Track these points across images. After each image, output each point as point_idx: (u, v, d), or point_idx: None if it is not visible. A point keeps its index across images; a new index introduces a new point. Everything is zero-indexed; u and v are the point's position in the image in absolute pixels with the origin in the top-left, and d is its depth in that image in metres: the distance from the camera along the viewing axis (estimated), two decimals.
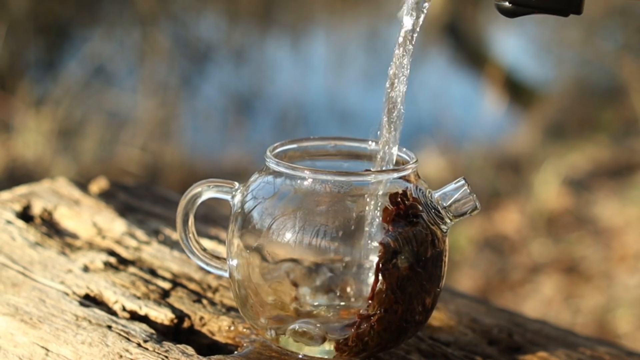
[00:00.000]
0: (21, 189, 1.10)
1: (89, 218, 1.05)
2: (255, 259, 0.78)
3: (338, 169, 0.83)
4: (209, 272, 0.90)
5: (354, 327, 0.75)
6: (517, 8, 0.74)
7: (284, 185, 0.77)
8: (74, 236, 1.02)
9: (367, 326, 0.74)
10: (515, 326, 0.95)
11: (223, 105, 3.96)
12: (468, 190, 0.77)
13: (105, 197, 1.11)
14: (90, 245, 0.99)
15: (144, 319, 0.85)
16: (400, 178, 0.77)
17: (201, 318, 0.86)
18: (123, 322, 0.84)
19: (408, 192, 0.76)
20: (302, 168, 0.76)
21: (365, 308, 0.75)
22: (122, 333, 0.81)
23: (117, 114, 3.48)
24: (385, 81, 0.78)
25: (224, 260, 0.84)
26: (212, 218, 1.12)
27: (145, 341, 0.80)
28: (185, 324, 0.86)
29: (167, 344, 0.80)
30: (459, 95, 4.37)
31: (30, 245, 0.97)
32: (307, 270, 0.80)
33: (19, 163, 3.08)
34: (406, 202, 0.75)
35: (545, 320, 1.08)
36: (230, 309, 0.88)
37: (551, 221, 2.87)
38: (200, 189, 0.83)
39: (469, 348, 0.88)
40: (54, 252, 0.96)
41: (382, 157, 0.79)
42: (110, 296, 0.88)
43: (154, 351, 0.79)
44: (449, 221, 0.77)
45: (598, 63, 4.27)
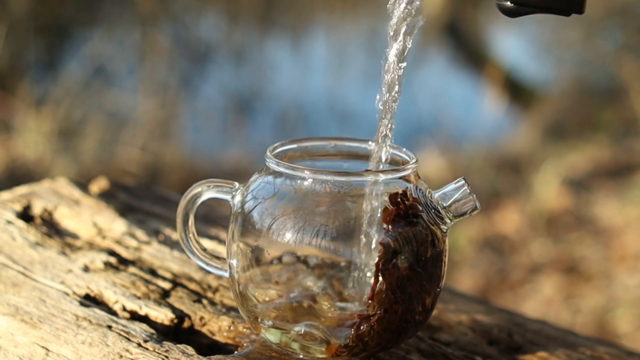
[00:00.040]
0: (21, 189, 1.10)
1: (89, 218, 1.05)
2: (255, 259, 0.78)
3: (338, 169, 0.83)
4: (209, 272, 0.90)
5: (354, 327, 0.75)
6: (519, 8, 0.74)
7: (284, 185, 0.77)
8: (74, 236, 1.02)
9: (367, 326, 0.74)
10: (515, 326, 0.95)
11: (223, 106, 3.96)
12: (468, 191, 0.77)
13: (106, 197, 1.11)
14: (91, 245, 0.99)
15: (144, 319, 0.85)
16: (400, 178, 0.77)
17: (201, 318, 0.86)
18: (123, 322, 0.84)
19: (408, 192, 0.76)
20: (302, 168, 0.76)
21: (365, 308, 0.75)
22: (122, 333, 0.81)
23: (117, 114, 3.48)
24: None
25: (224, 260, 0.84)
26: (212, 218, 1.12)
27: (145, 341, 0.80)
28: (186, 324, 0.86)
29: (167, 344, 0.80)
30: (459, 95, 4.37)
31: (30, 245, 0.97)
32: (307, 270, 0.80)
33: (19, 163, 3.08)
34: (406, 202, 0.75)
35: (545, 320, 1.08)
36: (230, 309, 0.88)
37: (551, 221, 2.87)
38: (200, 189, 0.83)
39: (469, 348, 0.88)
40: (54, 252, 0.97)
41: (377, 157, 0.79)
42: (110, 296, 0.88)
43: (154, 351, 0.79)
44: (448, 221, 0.77)
45: (598, 63, 4.27)
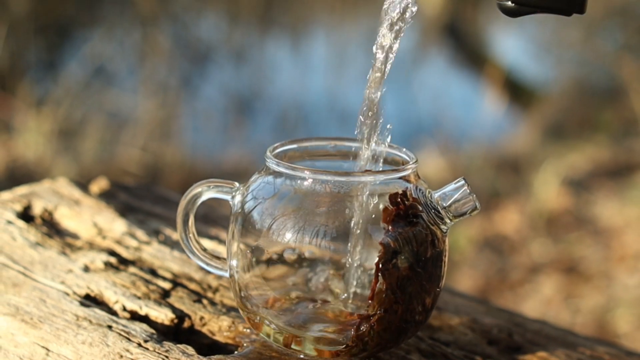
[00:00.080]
0: (22, 189, 1.11)
1: (90, 218, 1.05)
2: (255, 259, 0.78)
3: (338, 169, 0.83)
4: (209, 272, 0.90)
5: (354, 327, 0.75)
6: (520, 7, 0.74)
7: (284, 185, 0.77)
8: (75, 236, 1.02)
9: (367, 326, 0.74)
10: (515, 326, 0.95)
11: (223, 106, 3.96)
12: (468, 191, 0.77)
13: (106, 197, 1.11)
14: (91, 245, 1.00)
15: (145, 319, 0.86)
16: (400, 178, 0.77)
17: (201, 318, 0.86)
18: (123, 322, 0.84)
19: (408, 193, 0.76)
20: (302, 168, 0.77)
21: (365, 308, 0.75)
22: (122, 333, 0.81)
23: (117, 114, 3.48)
24: (383, 82, 0.78)
25: (224, 260, 0.84)
26: (213, 218, 1.12)
27: (145, 341, 0.80)
28: (186, 324, 0.86)
29: (167, 344, 0.80)
30: (459, 95, 4.37)
31: (30, 246, 0.98)
32: (308, 270, 0.80)
33: (19, 163, 3.08)
34: (406, 202, 0.75)
35: (544, 320, 1.08)
36: (230, 309, 0.88)
37: (551, 221, 2.87)
38: (200, 189, 0.83)
39: (469, 348, 0.88)
40: (55, 252, 0.97)
41: (363, 157, 0.79)
42: (110, 296, 0.88)
43: (154, 351, 0.79)
44: (448, 221, 0.77)
45: (598, 63, 4.26)
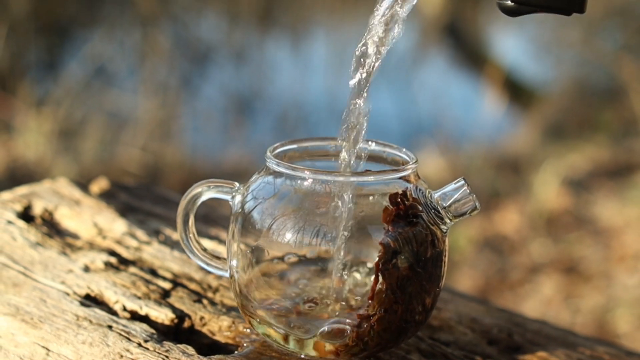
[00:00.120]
0: (22, 189, 1.11)
1: (90, 218, 1.05)
2: (255, 259, 0.78)
3: (338, 170, 0.83)
4: (210, 272, 0.90)
5: (354, 327, 0.75)
6: (520, 7, 0.74)
7: (284, 185, 0.77)
8: (75, 236, 1.02)
9: (367, 326, 0.74)
10: (514, 326, 0.96)
11: (223, 106, 3.96)
12: (468, 191, 0.77)
13: (106, 197, 1.11)
14: (91, 246, 1.00)
15: (145, 319, 0.86)
16: (400, 178, 0.77)
17: (201, 318, 0.86)
18: (124, 322, 0.84)
19: (408, 193, 0.76)
20: (302, 168, 0.77)
21: (365, 308, 0.75)
22: (122, 333, 0.81)
23: (117, 115, 3.48)
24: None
25: (224, 260, 0.84)
26: (213, 218, 1.12)
27: (145, 341, 0.80)
28: (186, 323, 0.86)
29: (167, 344, 0.80)
30: (459, 95, 4.37)
31: (31, 246, 0.98)
32: (308, 270, 0.80)
33: (19, 163, 3.08)
34: (406, 202, 0.75)
35: (544, 320, 1.08)
36: (230, 309, 0.88)
37: (551, 221, 2.87)
38: (200, 189, 0.83)
39: (469, 348, 0.88)
40: (55, 252, 0.97)
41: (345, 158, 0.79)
42: (110, 296, 0.88)
43: (154, 351, 0.79)
44: (448, 221, 0.77)
45: (597, 63, 4.27)
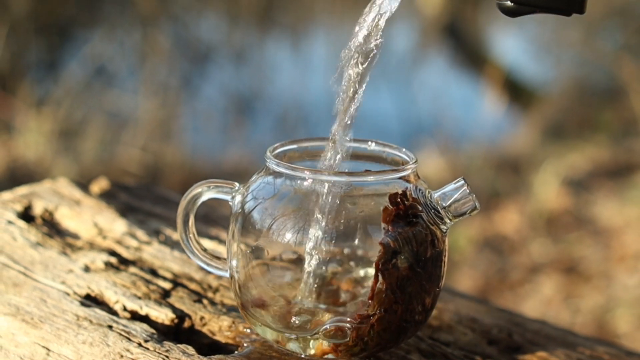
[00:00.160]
0: (22, 189, 1.11)
1: (90, 218, 1.05)
2: (255, 259, 0.78)
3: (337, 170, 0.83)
4: (210, 272, 0.90)
5: (353, 327, 0.75)
6: (519, 7, 0.74)
7: (284, 185, 0.77)
8: (75, 236, 1.03)
9: (367, 326, 0.74)
10: (514, 326, 0.96)
11: (223, 106, 3.96)
12: (467, 191, 0.77)
13: (106, 197, 1.11)
14: (91, 246, 1.00)
15: (145, 319, 0.86)
16: (400, 178, 0.78)
17: (202, 318, 0.86)
18: (124, 322, 0.84)
19: (408, 193, 0.76)
20: (302, 168, 0.77)
21: (365, 308, 0.75)
22: (122, 333, 0.82)
23: (117, 115, 3.48)
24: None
25: (224, 260, 0.84)
26: (213, 218, 1.12)
27: (146, 341, 0.80)
28: (186, 323, 0.86)
29: (167, 344, 0.80)
30: (459, 95, 4.37)
31: (31, 246, 0.98)
32: (307, 270, 0.80)
33: (20, 163, 3.08)
34: (406, 202, 0.75)
35: (544, 320, 1.08)
36: (230, 309, 0.88)
37: (551, 221, 2.87)
38: (200, 190, 0.83)
39: (469, 348, 0.88)
40: (55, 252, 0.97)
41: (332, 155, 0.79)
42: (111, 296, 0.89)
43: (154, 351, 0.79)
44: (448, 221, 0.77)
45: (597, 63, 4.27)
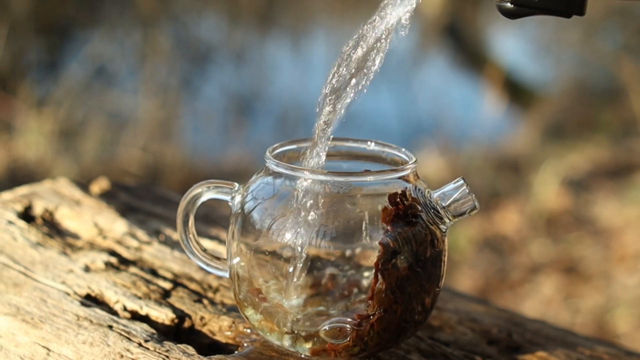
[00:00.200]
0: (22, 190, 1.11)
1: (90, 218, 1.05)
2: (255, 259, 0.78)
3: (337, 170, 0.83)
4: (209, 272, 0.90)
5: (353, 327, 0.75)
6: (519, 9, 0.74)
7: (284, 185, 0.78)
8: (75, 236, 1.03)
9: (367, 326, 0.74)
10: (514, 326, 0.96)
11: (224, 106, 3.96)
12: (467, 190, 0.77)
13: (106, 197, 1.12)
14: (92, 246, 1.00)
15: (145, 319, 0.86)
16: (400, 178, 0.78)
17: (202, 318, 0.86)
18: (124, 322, 0.84)
19: (407, 192, 0.76)
20: (302, 169, 0.77)
21: (364, 308, 0.75)
22: (123, 333, 0.82)
23: (118, 115, 3.48)
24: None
25: (224, 260, 0.84)
26: (213, 218, 1.12)
27: (146, 341, 0.81)
28: (186, 323, 0.86)
29: (167, 344, 0.81)
30: (459, 96, 4.37)
31: (31, 246, 0.98)
32: (307, 270, 0.80)
33: (20, 163, 3.08)
34: (405, 202, 0.75)
35: (544, 320, 1.08)
36: (230, 309, 0.88)
37: (550, 221, 2.87)
38: (200, 190, 0.83)
39: (469, 348, 0.88)
40: (55, 252, 0.97)
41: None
42: (111, 296, 0.89)
43: (154, 351, 0.79)
44: (448, 221, 0.77)
45: (597, 64, 4.27)
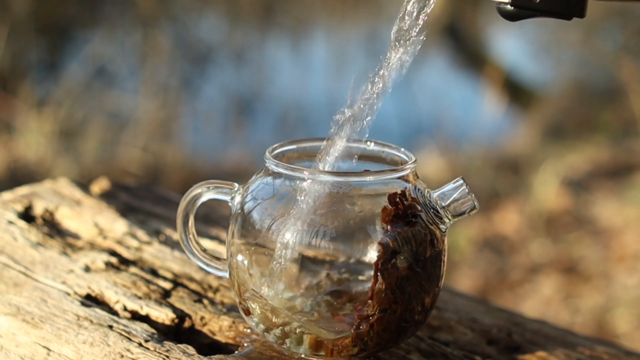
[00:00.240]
0: (23, 190, 1.11)
1: (91, 218, 1.05)
2: (255, 259, 0.78)
3: (337, 170, 0.83)
4: (209, 272, 0.90)
5: (353, 327, 0.76)
6: (519, 11, 0.74)
7: (284, 186, 0.78)
8: (76, 236, 1.03)
9: (367, 326, 0.75)
10: (514, 326, 0.96)
11: (224, 106, 3.96)
12: (466, 190, 0.77)
13: (107, 197, 1.12)
14: (92, 246, 1.00)
15: (145, 319, 0.86)
16: (399, 178, 0.78)
17: (202, 318, 0.87)
18: (124, 322, 0.84)
19: (407, 192, 0.76)
20: (301, 169, 0.77)
21: (364, 308, 0.75)
22: (123, 333, 0.82)
23: (118, 115, 3.48)
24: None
25: (224, 260, 0.84)
26: (213, 218, 1.12)
27: (146, 341, 0.81)
28: (186, 323, 0.86)
29: (168, 344, 0.81)
30: (459, 96, 4.37)
31: (31, 246, 0.98)
32: (307, 270, 0.81)
33: (20, 164, 3.08)
34: (405, 202, 0.75)
35: (544, 320, 1.08)
36: (230, 309, 0.88)
37: (550, 221, 2.87)
38: (200, 190, 0.83)
39: (469, 348, 0.88)
40: (56, 253, 0.97)
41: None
42: (111, 296, 0.89)
43: (155, 351, 0.79)
44: (447, 221, 0.78)
45: (597, 64, 4.27)
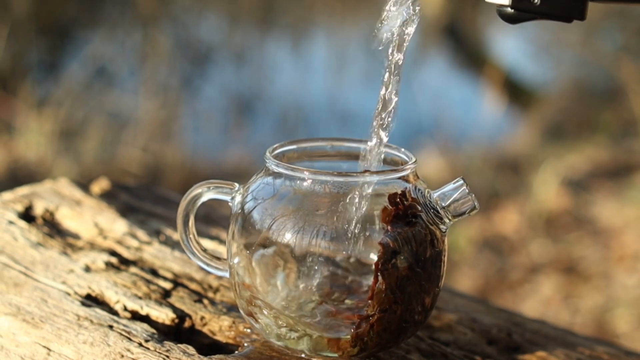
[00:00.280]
0: (23, 190, 1.11)
1: (91, 218, 1.05)
2: (255, 259, 0.78)
3: (337, 170, 0.84)
4: (210, 272, 0.90)
5: (353, 327, 0.76)
6: (520, 14, 0.74)
7: (284, 186, 0.78)
8: (76, 236, 1.03)
9: (367, 326, 0.75)
10: (514, 326, 0.96)
11: (224, 106, 3.96)
12: (467, 190, 0.77)
13: (107, 197, 1.12)
14: (92, 246, 1.00)
15: (145, 319, 0.86)
16: (399, 178, 0.78)
17: (202, 318, 0.87)
18: (124, 322, 0.84)
19: (407, 193, 0.76)
20: (302, 169, 0.77)
21: (364, 308, 0.75)
22: (123, 333, 0.82)
23: (118, 115, 3.48)
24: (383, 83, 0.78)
25: (225, 260, 0.84)
26: (213, 218, 1.13)
27: (146, 341, 0.81)
28: (186, 323, 0.86)
29: (168, 344, 0.81)
30: (459, 96, 4.37)
31: (32, 246, 0.98)
32: (307, 270, 0.81)
33: (20, 164, 3.08)
34: (405, 202, 0.75)
35: (544, 320, 1.08)
36: (231, 309, 0.88)
37: (550, 221, 2.87)
38: (200, 190, 0.83)
39: (469, 348, 0.88)
40: (56, 253, 0.97)
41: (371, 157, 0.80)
42: (111, 296, 0.89)
43: (155, 351, 0.79)
44: (447, 221, 0.78)
45: (597, 64, 4.27)
